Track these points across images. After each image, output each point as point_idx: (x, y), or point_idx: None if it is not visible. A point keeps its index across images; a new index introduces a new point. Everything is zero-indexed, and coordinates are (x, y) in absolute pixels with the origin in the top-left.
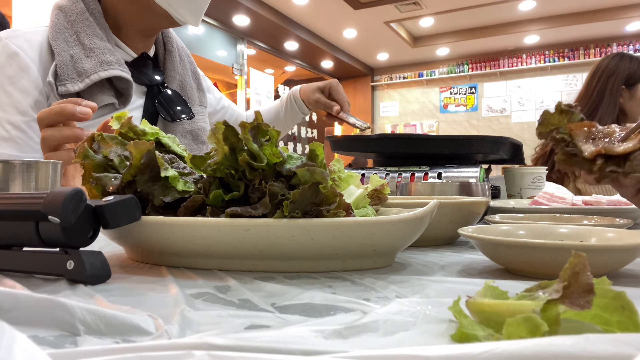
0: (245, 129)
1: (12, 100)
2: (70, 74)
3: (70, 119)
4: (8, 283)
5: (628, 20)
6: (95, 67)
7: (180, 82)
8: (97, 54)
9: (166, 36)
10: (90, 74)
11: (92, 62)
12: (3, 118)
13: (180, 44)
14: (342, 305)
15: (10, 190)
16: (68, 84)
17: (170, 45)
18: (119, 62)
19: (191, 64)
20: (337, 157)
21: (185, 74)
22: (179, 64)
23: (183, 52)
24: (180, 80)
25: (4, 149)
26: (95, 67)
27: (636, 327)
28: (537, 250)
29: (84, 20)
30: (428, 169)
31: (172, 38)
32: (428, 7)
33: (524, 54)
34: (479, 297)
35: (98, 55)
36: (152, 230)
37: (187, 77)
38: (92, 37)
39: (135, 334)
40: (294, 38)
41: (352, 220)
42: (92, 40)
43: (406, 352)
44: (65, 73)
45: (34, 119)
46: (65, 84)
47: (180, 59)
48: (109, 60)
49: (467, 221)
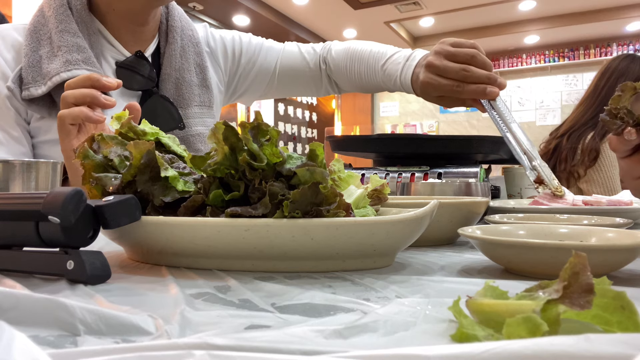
0: (246, 128)
1: None
2: (35, 77)
3: (95, 84)
4: (8, 283)
5: (628, 20)
6: (58, 67)
7: (176, 80)
8: (63, 52)
9: (170, 25)
10: (53, 75)
11: (58, 62)
12: None
13: (188, 33)
14: (342, 305)
15: (10, 190)
16: (32, 87)
17: (172, 36)
18: (87, 61)
19: (198, 55)
20: (337, 157)
21: (186, 69)
22: (178, 58)
23: (189, 42)
24: (177, 78)
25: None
26: (58, 68)
27: (636, 327)
28: (537, 250)
29: (59, 15)
30: (428, 169)
31: (175, 27)
32: (428, 7)
33: (524, 54)
34: (479, 297)
35: (64, 54)
36: (152, 230)
37: (186, 72)
38: (62, 34)
39: (135, 334)
40: (294, 38)
41: (352, 220)
42: (62, 37)
43: (406, 352)
44: (30, 76)
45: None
46: (29, 88)
47: (183, 51)
48: (75, 59)
49: (467, 221)
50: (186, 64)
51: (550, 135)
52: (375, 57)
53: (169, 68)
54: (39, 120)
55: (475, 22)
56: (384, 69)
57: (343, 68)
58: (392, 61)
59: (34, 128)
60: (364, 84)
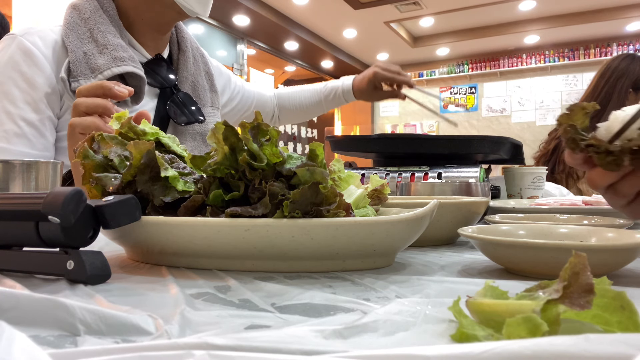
0: (246, 129)
1: (25, 97)
2: (83, 70)
3: (108, 93)
4: (8, 283)
5: (628, 20)
6: (108, 63)
7: (192, 82)
8: (110, 50)
9: (180, 36)
10: (104, 70)
11: (106, 58)
12: (17, 114)
13: (195, 45)
14: (342, 305)
15: (10, 190)
16: (81, 79)
17: (184, 45)
18: (132, 59)
19: (205, 64)
20: (337, 157)
21: (198, 74)
22: (192, 65)
23: (197, 53)
24: (193, 81)
25: (16, 146)
26: (108, 63)
27: (636, 327)
28: (537, 250)
29: (98, 18)
30: (428, 169)
31: (186, 38)
32: (428, 7)
33: (524, 54)
34: (479, 297)
35: (111, 52)
36: (152, 230)
37: (199, 77)
38: (105, 34)
39: (135, 334)
40: (294, 38)
41: (352, 220)
42: (105, 37)
43: (406, 352)
44: (78, 69)
45: (47, 116)
46: (78, 80)
47: (194, 59)
48: (122, 56)
49: (467, 221)
50: (197, 70)
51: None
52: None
53: (185, 72)
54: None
55: (475, 22)
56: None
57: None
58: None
59: (64, 121)
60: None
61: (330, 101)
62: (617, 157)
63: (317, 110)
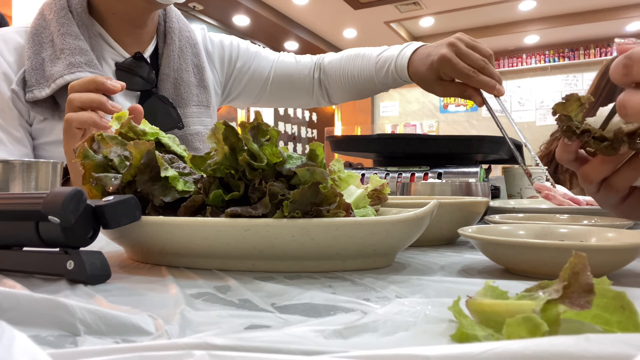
0: (246, 128)
1: None
2: (38, 79)
3: (100, 87)
4: (8, 283)
5: (628, 20)
6: (62, 70)
7: (175, 80)
8: (66, 55)
9: (168, 27)
10: (56, 78)
11: (61, 65)
12: None
13: (185, 34)
14: (342, 305)
15: (10, 190)
16: (35, 89)
17: (170, 37)
18: (90, 63)
19: (195, 55)
20: (337, 157)
21: (184, 69)
22: (177, 59)
23: (187, 44)
24: (175, 78)
25: None
26: (62, 70)
27: (636, 327)
28: (537, 250)
29: (61, 18)
30: (428, 169)
31: (174, 29)
32: (428, 7)
33: (524, 54)
34: (479, 297)
35: (67, 57)
36: (152, 230)
37: (185, 73)
38: (65, 37)
39: (135, 334)
40: (294, 38)
41: (352, 220)
42: (64, 40)
43: (406, 352)
44: (33, 78)
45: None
46: (32, 90)
47: (181, 52)
48: (77, 61)
49: (467, 221)
50: (184, 65)
51: (551, 136)
52: (371, 50)
53: (167, 68)
54: (42, 122)
55: (475, 22)
56: (379, 57)
57: (337, 69)
58: (388, 50)
59: (36, 130)
60: (356, 83)
61: (383, 79)
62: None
63: (369, 87)
